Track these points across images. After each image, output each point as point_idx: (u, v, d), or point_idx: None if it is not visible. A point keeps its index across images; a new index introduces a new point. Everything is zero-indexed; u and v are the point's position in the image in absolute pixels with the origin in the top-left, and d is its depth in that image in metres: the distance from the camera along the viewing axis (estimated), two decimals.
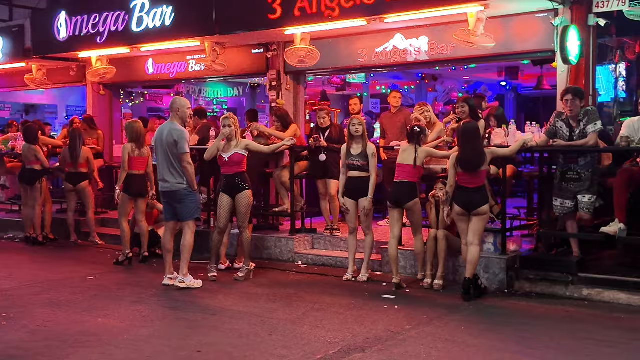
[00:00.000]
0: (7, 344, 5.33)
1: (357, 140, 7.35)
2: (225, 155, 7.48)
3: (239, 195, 7.49)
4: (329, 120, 8.92)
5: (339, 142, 8.55)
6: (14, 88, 14.39)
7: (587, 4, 7.72)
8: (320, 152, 8.50)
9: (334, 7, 8.40)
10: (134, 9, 10.36)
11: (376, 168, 7.39)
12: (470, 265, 6.57)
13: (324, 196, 8.74)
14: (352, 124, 7.42)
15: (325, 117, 8.80)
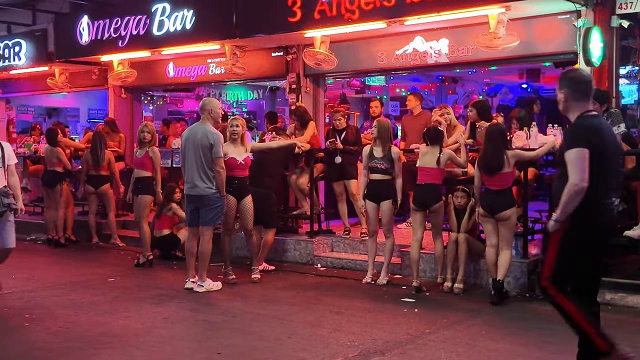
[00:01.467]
0: (30, 344, 5.39)
1: (377, 142, 7.33)
2: (239, 158, 7.47)
3: (247, 199, 7.52)
4: (345, 122, 8.90)
5: (355, 144, 8.52)
6: (37, 91, 14.56)
7: (610, 6, 7.63)
8: (336, 154, 8.48)
9: (354, 9, 8.39)
10: (155, 13, 10.45)
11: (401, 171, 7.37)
12: (502, 268, 6.54)
13: (341, 198, 8.71)
14: (373, 126, 7.47)
15: (341, 119, 8.78)
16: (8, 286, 7.46)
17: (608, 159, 4.11)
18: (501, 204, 6.50)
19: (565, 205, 4.02)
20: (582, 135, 4.08)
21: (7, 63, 13.23)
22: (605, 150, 4.10)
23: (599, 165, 4.01)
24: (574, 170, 3.99)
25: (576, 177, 3.96)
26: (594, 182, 3.98)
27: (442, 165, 7.05)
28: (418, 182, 7.16)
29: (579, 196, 3.96)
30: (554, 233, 4.14)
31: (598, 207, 4.08)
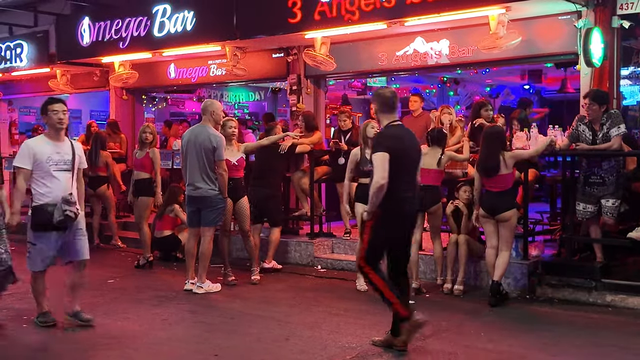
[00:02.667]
0: (28, 346, 5.39)
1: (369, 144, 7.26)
2: (233, 159, 7.47)
3: (242, 200, 7.54)
4: (350, 123, 8.89)
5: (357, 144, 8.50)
6: (39, 93, 14.56)
7: (610, 6, 7.60)
8: (340, 155, 8.45)
9: (354, 10, 8.38)
10: (156, 15, 10.45)
11: None
12: (499, 269, 6.51)
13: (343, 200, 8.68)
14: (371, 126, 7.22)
15: (346, 120, 8.79)
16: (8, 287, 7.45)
17: (407, 161, 5.07)
18: (502, 205, 6.48)
19: (372, 198, 4.95)
20: (385, 141, 5.01)
21: (8, 65, 13.27)
22: (404, 153, 5.03)
23: (398, 166, 4.93)
24: (377, 170, 4.91)
25: (378, 176, 4.87)
26: (395, 180, 4.90)
27: (442, 166, 7.04)
28: None
29: (381, 191, 4.87)
30: (367, 222, 5.07)
31: (400, 199, 5.00)
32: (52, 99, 5.76)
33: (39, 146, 5.63)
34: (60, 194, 5.58)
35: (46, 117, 5.67)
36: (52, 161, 5.60)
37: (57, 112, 5.62)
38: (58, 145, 5.69)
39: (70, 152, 5.72)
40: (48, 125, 5.73)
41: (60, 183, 5.63)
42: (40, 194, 5.62)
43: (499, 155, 6.49)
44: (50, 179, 5.61)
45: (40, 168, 5.58)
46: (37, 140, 5.73)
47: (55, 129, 5.67)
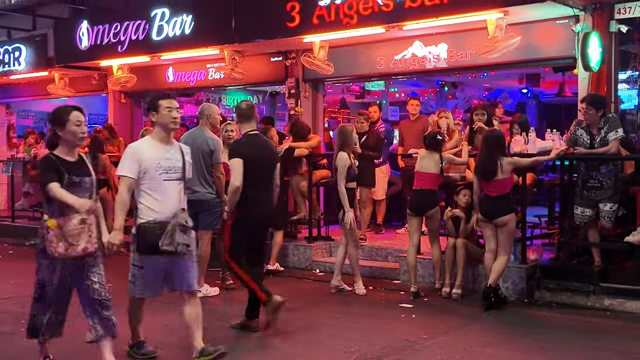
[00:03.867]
0: (26, 350, 5.37)
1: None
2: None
3: None
4: (367, 126, 8.76)
5: (374, 149, 8.43)
6: (37, 97, 14.58)
7: (608, 11, 7.63)
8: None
9: (353, 14, 8.40)
10: (155, 18, 10.46)
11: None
12: (494, 272, 6.51)
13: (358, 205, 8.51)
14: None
15: (364, 123, 8.68)
16: (6, 291, 7.46)
17: (260, 165, 5.71)
18: (499, 209, 6.49)
19: (229, 200, 5.70)
20: (240, 148, 5.76)
21: (7, 68, 13.25)
22: (258, 160, 5.69)
23: (253, 171, 5.60)
24: (233, 174, 5.63)
25: (233, 179, 5.60)
26: (250, 183, 5.58)
27: (438, 170, 7.03)
28: (414, 188, 7.15)
29: (237, 193, 5.58)
30: (227, 221, 5.82)
31: (255, 200, 5.64)
32: (164, 95, 4.95)
33: (146, 150, 4.67)
34: (170, 209, 4.62)
35: (157, 115, 4.72)
36: (161, 168, 4.65)
37: (171, 109, 4.71)
38: (167, 149, 4.74)
39: (180, 158, 4.76)
40: (158, 125, 4.76)
41: (171, 195, 4.66)
42: (147, 208, 4.63)
43: (497, 159, 6.50)
44: (159, 190, 4.64)
45: (147, 177, 4.62)
46: (143, 144, 4.77)
47: (167, 129, 4.74)
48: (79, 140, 4.56)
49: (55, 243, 4.34)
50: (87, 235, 4.41)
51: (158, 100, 4.77)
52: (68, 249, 4.35)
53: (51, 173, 4.47)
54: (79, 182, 4.50)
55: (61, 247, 4.35)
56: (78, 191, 4.45)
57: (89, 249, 4.46)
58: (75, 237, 4.36)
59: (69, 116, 4.52)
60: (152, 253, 4.64)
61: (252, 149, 5.72)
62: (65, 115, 4.53)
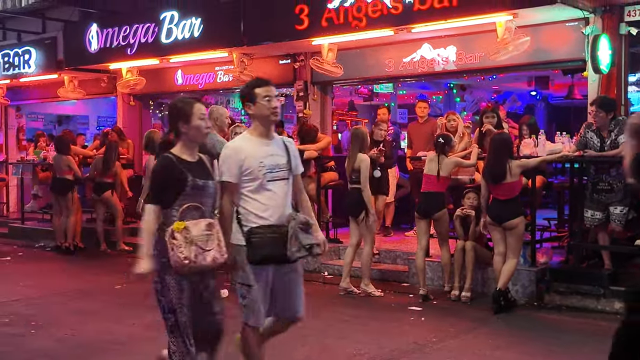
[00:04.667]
0: (35, 352, 5.40)
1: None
2: None
3: None
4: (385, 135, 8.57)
5: (389, 157, 8.33)
6: (47, 99, 14.65)
7: (618, 13, 7.60)
8: (375, 167, 7.98)
9: (361, 17, 8.40)
10: (164, 21, 10.50)
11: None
12: (504, 276, 6.49)
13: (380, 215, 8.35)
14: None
15: (383, 132, 8.48)
16: (15, 293, 7.50)
17: None
18: (508, 213, 6.46)
19: None
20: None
21: (17, 71, 13.33)
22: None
23: None
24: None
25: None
26: None
27: (445, 173, 7.00)
28: (422, 190, 7.14)
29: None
30: None
31: None
32: (260, 80, 4.05)
33: (246, 148, 3.96)
34: (279, 213, 3.93)
35: (253, 106, 3.95)
36: (265, 167, 3.93)
37: (269, 98, 3.94)
38: (270, 144, 4.02)
39: (284, 154, 4.05)
40: (255, 118, 3.98)
41: (278, 197, 3.96)
42: (252, 214, 3.91)
43: (506, 162, 6.48)
44: (263, 192, 3.93)
45: (251, 178, 3.91)
46: (243, 141, 4.02)
47: (267, 122, 3.97)
48: (204, 136, 3.94)
49: (184, 247, 3.66)
50: (216, 243, 3.75)
51: (254, 88, 3.97)
52: (198, 255, 3.67)
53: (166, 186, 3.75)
54: (203, 186, 3.81)
55: (191, 252, 3.66)
56: (202, 196, 3.80)
57: (219, 259, 3.77)
58: (203, 242, 3.71)
59: (193, 109, 3.84)
60: (266, 263, 3.87)
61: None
62: (189, 108, 3.84)
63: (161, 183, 3.77)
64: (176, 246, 3.65)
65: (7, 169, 13.87)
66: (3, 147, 14.96)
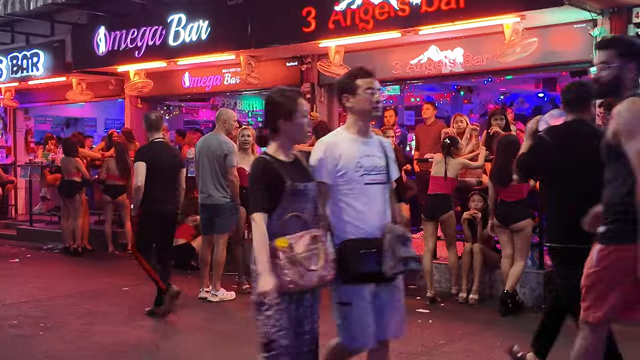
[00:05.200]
0: (44, 353, 5.42)
1: None
2: (248, 167, 7.48)
3: None
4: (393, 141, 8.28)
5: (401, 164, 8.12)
6: (55, 102, 14.72)
7: (626, 15, 7.57)
8: None
9: (368, 19, 8.40)
10: (171, 24, 10.53)
11: None
12: (511, 278, 6.47)
13: None
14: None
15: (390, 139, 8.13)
16: (24, 295, 7.53)
17: (162, 168, 6.45)
18: (515, 215, 6.45)
19: (133, 198, 6.50)
20: (144, 153, 6.54)
21: (25, 74, 13.39)
22: (160, 163, 6.43)
23: (155, 172, 6.35)
24: (136, 176, 6.39)
25: (136, 180, 6.35)
26: (152, 183, 6.31)
27: (451, 175, 7.00)
28: (428, 192, 7.14)
29: (138, 192, 6.33)
30: (133, 218, 6.72)
31: (153, 200, 6.34)
32: (362, 71, 3.58)
33: (342, 145, 3.49)
34: (377, 222, 3.47)
35: (352, 98, 3.52)
36: (362, 168, 3.48)
37: (373, 91, 3.52)
38: (368, 144, 3.56)
39: (382, 155, 3.59)
40: (354, 112, 3.54)
41: (376, 204, 3.49)
42: (346, 222, 3.44)
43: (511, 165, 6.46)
44: (360, 197, 3.45)
45: (345, 180, 3.45)
46: (337, 137, 3.55)
47: (367, 117, 3.54)
48: (305, 136, 3.51)
49: (289, 269, 3.19)
50: (322, 260, 3.29)
51: (355, 78, 3.52)
52: (304, 276, 3.23)
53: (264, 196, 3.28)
54: (303, 190, 3.33)
55: (296, 275, 3.21)
56: (302, 202, 3.32)
57: (326, 277, 3.33)
58: (309, 260, 3.24)
59: (297, 105, 3.39)
60: (361, 281, 3.43)
61: (155, 155, 6.47)
62: (293, 104, 3.39)
63: (263, 188, 3.27)
64: (280, 267, 3.20)
65: (15, 171, 13.92)
66: (12, 150, 15.04)
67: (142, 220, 6.46)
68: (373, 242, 3.41)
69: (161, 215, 6.49)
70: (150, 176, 6.33)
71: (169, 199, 6.55)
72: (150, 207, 6.38)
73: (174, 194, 6.65)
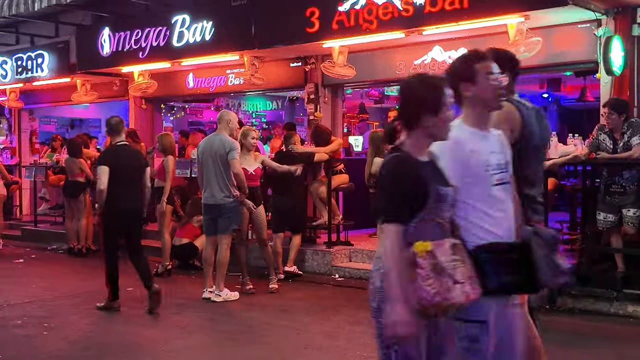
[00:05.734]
0: (48, 353, 5.43)
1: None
2: (250, 168, 7.52)
3: (259, 209, 7.58)
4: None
5: None
6: (60, 103, 14.75)
7: (630, 14, 7.54)
8: None
9: (372, 20, 8.39)
10: (175, 25, 10.53)
11: None
12: None
13: None
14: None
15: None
16: (28, 295, 7.55)
17: (125, 170, 6.71)
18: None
19: (97, 196, 6.75)
20: (106, 157, 6.89)
21: (30, 75, 13.42)
22: (123, 165, 6.71)
23: (118, 174, 6.64)
24: (99, 179, 6.66)
25: (99, 183, 6.64)
26: (116, 184, 6.61)
27: None
28: None
29: (102, 194, 6.60)
30: (98, 217, 7.05)
31: (115, 198, 6.60)
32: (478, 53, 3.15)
33: (469, 142, 3.01)
34: (510, 226, 3.02)
35: (472, 87, 3.03)
36: (491, 168, 3.01)
37: (494, 75, 3.06)
38: (488, 138, 3.08)
39: (502, 151, 3.12)
40: (473, 102, 3.05)
41: (505, 206, 3.03)
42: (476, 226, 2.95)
43: None
44: (489, 200, 2.98)
45: (473, 181, 2.96)
46: (461, 132, 2.99)
47: (489, 107, 3.07)
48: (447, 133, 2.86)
49: (433, 278, 2.64)
50: (467, 273, 2.73)
51: (473, 62, 3.06)
52: (451, 289, 2.65)
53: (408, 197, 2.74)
54: (444, 195, 2.82)
55: (442, 285, 2.64)
56: (442, 209, 2.81)
57: (471, 296, 2.72)
58: (453, 270, 2.68)
59: (444, 97, 2.84)
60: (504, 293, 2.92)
61: (118, 157, 6.78)
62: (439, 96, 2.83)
63: (405, 193, 2.73)
64: (422, 277, 2.64)
65: (20, 172, 13.96)
66: (16, 151, 15.08)
67: (106, 219, 6.69)
68: (514, 248, 2.93)
69: (126, 213, 6.71)
70: (115, 177, 6.61)
71: (133, 198, 6.77)
72: (115, 206, 6.61)
73: (138, 193, 6.88)
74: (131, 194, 6.75)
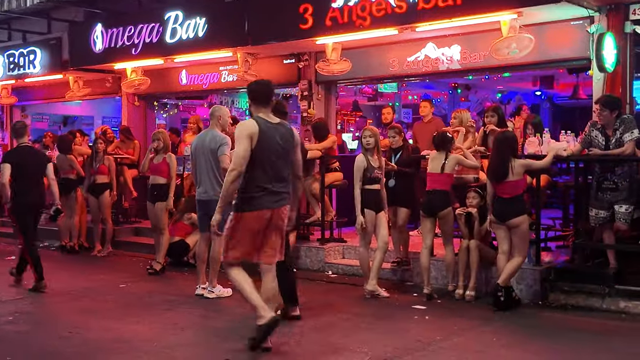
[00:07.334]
0: (39, 350, 5.40)
1: (371, 151, 7.14)
2: None
3: None
4: (402, 140, 7.82)
5: (409, 165, 7.72)
6: (52, 100, 14.69)
7: (623, 12, 7.58)
8: (390, 176, 7.63)
9: (365, 16, 8.40)
10: (168, 21, 10.52)
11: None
12: (505, 272, 6.46)
13: (394, 225, 7.78)
14: (363, 135, 7.15)
15: (396, 137, 7.72)
16: (19, 292, 7.52)
17: (26, 167, 7.50)
18: (512, 211, 6.45)
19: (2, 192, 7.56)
20: (8, 156, 7.72)
21: (22, 71, 13.38)
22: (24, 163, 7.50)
23: (20, 171, 7.44)
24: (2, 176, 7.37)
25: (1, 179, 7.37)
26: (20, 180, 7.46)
27: (449, 170, 6.99)
28: (427, 189, 7.12)
29: (4, 188, 7.44)
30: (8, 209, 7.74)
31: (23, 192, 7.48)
32: None
33: None
34: None
35: None
36: None
37: None
38: None
39: None
40: None
41: None
42: None
43: (508, 161, 6.47)
44: None
45: None
46: None
47: None
48: None
49: None
50: None
51: None
52: None
53: None
54: None
55: None
56: None
57: None
58: None
59: None
60: None
61: (20, 156, 7.57)
62: None
63: None
64: None
65: None
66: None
67: (15, 210, 7.60)
68: None
69: (28, 205, 7.62)
70: (18, 174, 7.47)
71: (33, 192, 7.63)
72: (20, 199, 7.52)
73: (39, 188, 7.77)
74: (33, 189, 7.63)
